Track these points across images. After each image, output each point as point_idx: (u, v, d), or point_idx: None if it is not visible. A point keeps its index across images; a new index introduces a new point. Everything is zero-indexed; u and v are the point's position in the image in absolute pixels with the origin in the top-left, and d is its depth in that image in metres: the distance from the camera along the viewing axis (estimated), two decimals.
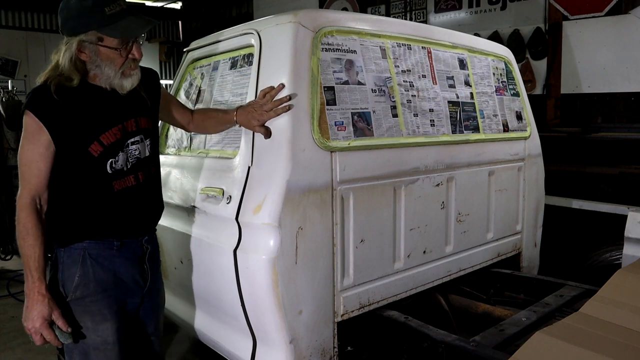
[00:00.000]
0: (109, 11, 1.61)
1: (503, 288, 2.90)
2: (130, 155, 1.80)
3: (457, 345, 1.96)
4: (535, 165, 3.19)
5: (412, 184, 2.34)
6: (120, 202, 1.78)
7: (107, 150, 1.73)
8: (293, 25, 2.00)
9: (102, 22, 1.61)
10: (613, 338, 1.50)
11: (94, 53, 1.65)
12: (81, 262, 1.74)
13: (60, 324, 1.67)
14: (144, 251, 1.89)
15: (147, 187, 1.88)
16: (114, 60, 1.67)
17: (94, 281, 1.75)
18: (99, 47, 1.64)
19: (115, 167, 1.76)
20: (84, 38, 1.62)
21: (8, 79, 8.44)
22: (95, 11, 1.60)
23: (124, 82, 1.72)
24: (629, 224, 2.75)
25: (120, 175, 1.77)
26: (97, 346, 1.76)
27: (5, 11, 9.30)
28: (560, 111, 4.91)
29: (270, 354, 2.00)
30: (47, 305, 1.64)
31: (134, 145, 1.81)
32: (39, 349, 3.40)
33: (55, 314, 1.66)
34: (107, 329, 1.77)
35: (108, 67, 1.68)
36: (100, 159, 1.72)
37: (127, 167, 1.79)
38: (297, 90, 1.96)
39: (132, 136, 1.80)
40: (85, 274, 1.74)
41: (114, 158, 1.75)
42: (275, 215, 1.87)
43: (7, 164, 5.63)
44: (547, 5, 4.91)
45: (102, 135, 1.72)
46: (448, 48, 2.66)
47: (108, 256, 1.78)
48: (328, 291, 2.05)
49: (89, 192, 1.75)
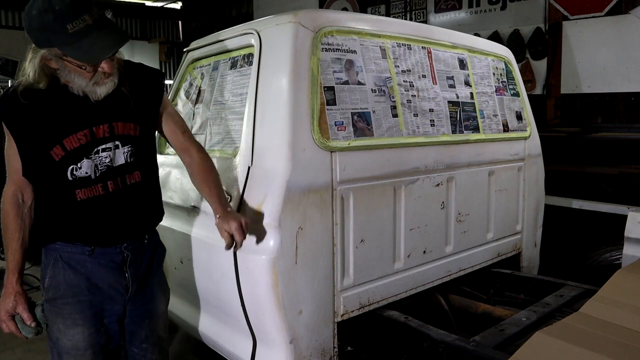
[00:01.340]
0: (71, 29, 1.47)
1: (503, 288, 2.90)
2: (99, 163, 1.67)
3: (457, 345, 1.96)
4: (535, 165, 3.19)
5: (412, 184, 2.34)
6: (84, 211, 1.68)
7: (69, 156, 1.63)
8: (293, 25, 2.00)
9: (64, 40, 1.48)
10: (613, 338, 1.49)
11: (60, 65, 1.56)
12: (52, 263, 1.72)
13: (24, 317, 1.70)
14: (124, 258, 1.77)
15: (120, 197, 1.73)
16: (82, 73, 1.57)
17: (64, 284, 1.71)
18: (64, 61, 1.54)
19: (76, 174, 1.65)
20: (48, 53, 1.53)
21: (8, 79, 8.45)
22: (56, 29, 1.47)
23: (97, 89, 1.61)
24: (629, 224, 2.75)
25: (85, 184, 1.66)
26: (67, 350, 1.73)
27: (5, 11, 9.31)
28: (560, 111, 4.91)
29: (270, 354, 2.00)
30: (13, 299, 1.67)
31: (104, 152, 1.68)
32: (38, 349, 3.40)
33: (19, 308, 1.68)
34: (77, 334, 1.72)
35: (78, 77, 1.58)
36: (61, 164, 1.63)
37: (95, 175, 1.67)
38: (297, 90, 1.96)
39: (103, 142, 1.68)
40: (56, 275, 1.71)
41: (75, 164, 1.64)
42: (275, 215, 1.87)
43: None
44: (547, 5, 4.91)
45: (65, 139, 1.62)
46: (448, 48, 2.66)
47: (80, 260, 1.71)
48: (328, 291, 2.05)
49: (51, 197, 1.69)
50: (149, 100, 1.80)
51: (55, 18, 1.46)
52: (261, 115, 2.03)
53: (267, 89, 2.03)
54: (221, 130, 2.32)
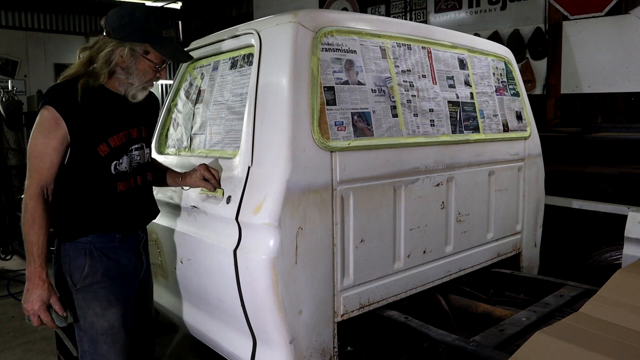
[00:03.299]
0: (165, 34, 1.87)
1: (503, 288, 2.90)
2: (132, 160, 1.97)
3: (457, 345, 1.96)
4: (535, 165, 3.19)
5: (412, 184, 2.34)
6: (122, 201, 1.94)
7: (113, 152, 1.89)
8: (293, 25, 2.00)
9: (157, 40, 1.85)
10: (613, 338, 1.50)
11: (133, 61, 1.84)
12: (89, 254, 1.89)
13: (57, 308, 1.81)
14: (140, 240, 2.07)
15: (144, 190, 2.07)
16: (146, 73, 1.88)
17: (101, 270, 1.90)
18: (141, 58, 1.85)
19: (118, 169, 1.91)
20: (135, 47, 1.83)
21: (8, 79, 8.45)
22: (155, 30, 1.85)
23: (139, 93, 1.91)
24: (629, 224, 2.75)
25: (123, 177, 1.94)
26: (105, 331, 1.90)
27: (5, 11, 9.29)
28: (560, 111, 4.91)
29: (270, 354, 2.00)
30: (47, 290, 1.78)
31: (136, 151, 1.99)
32: (39, 349, 3.41)
33: (53, 299, 1.80)
34: (113, 314, 1.91)
35: (138, 77, 1.87)
36: (106, 160, 1.88)
37: (130, 170, 1.96)
38: (297, 90, 1.96)
39: (135, 143, 1.98)
40: (94, 264, 1.90)
41: (118, 160, 1.91)
42: (275, 215, 1.87)
43: (7, 164, 5.62)
44: (547, 5, 4.91)
45: (110, 137, 1.87)
46: (448, 48, 2.66)
47: (112, 248, 1.94)
48: (328, 291, 2.05)
49: (94, 189, 1.89)
50: (153, 112, 2.16)
51: (156, 22, 1.86)
52: (261, 115, 2.03)
53: (267, 89, 2.03)
54: (221, 130, 2.32)
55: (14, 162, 5.65)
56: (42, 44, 9.48)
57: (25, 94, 8.98)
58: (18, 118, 5.84)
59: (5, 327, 3.85)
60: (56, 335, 2.93)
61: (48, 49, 9.53)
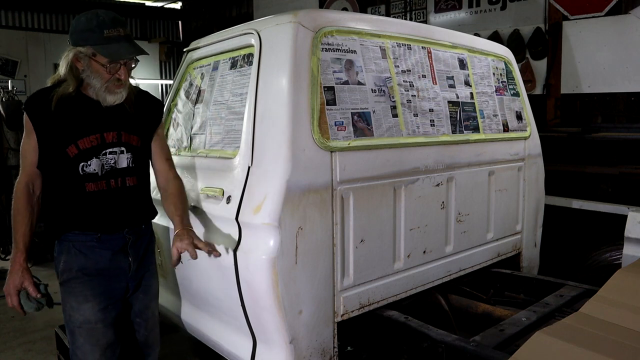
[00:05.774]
0: (107, 34, 1.88)
1: (503, 288, 2.90)
2: (106, 163, 1.99)
3: (457, 345, 1.96)
4: (535, 165, 3.19)
5: (412, 184, 2.34)
6: (92, 201, 1.98)
7: (81, 154, 1.94)
8: (293, 25, 2.00)
9: (98, 41, 1.87)
10: (613, 338, 1.50)
11: (86, 64, 1.90)
12: (66, 251, 1.99)
13: (30, 290, 1.90)
14: (126, 241, 2.05)
15: (125, 193, 2.03)
16: (101, 74, 1.91)
17: (76, 267, 1.98)
18: (91, 60, 1.89)
19: (86, 170, 1.96)
20: (81, 50, 1.89)
21: (8, 79, 8.43)
22: (95, 31, 1.87)
23: (107, 96, 1.94)
24: (629, 224, 2.75)
25: (93, 179, 1.97)
26: (80, 324, 1.97)
27: (5, 11, 9.28)
28: (560, 111, 4.91)
29: (270, 354, 2.00)
30: (20, 275, 1.89)
31: (111, 155, 2.00)
32: (39, 349, 3.40)
33: (26, 282, 1.89)
34: (88, 309, 1.97)
35: (95, 79, 1.91)
36: (74, 161, 1.94)
37: (101, 173, 1.98)
38: (297, 90, 1.96)
39: (111, 147, 2.00)
40: (69, 260, 1.98)
41: (85, 162, 1.95)
42: (275, 215, 1.87)
43: (7, 164, 5.62)
44: (547, 5, 4.91)
45: (80, 140, 1.94)
46: (448, 48, 2.66)
47: (90, 247, 1.99)
48: (328, 291, 2.05)
49: (65, 188, 1.97)
50: (150, 120, 2.14)
51: (97, 24, 1.88)
52: (261, 115, 2.03)
53: (267, 89, 2.03)
54: (221, 130, 2.32)
55: (14, 162, 5.64)
56: (42, 44, 9.46)
57: (25, 94, 8.97)
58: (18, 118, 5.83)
59: (5, 327, 3.85)
60: (56, 335, 2.92)
61: (48, 49, 9.52)
